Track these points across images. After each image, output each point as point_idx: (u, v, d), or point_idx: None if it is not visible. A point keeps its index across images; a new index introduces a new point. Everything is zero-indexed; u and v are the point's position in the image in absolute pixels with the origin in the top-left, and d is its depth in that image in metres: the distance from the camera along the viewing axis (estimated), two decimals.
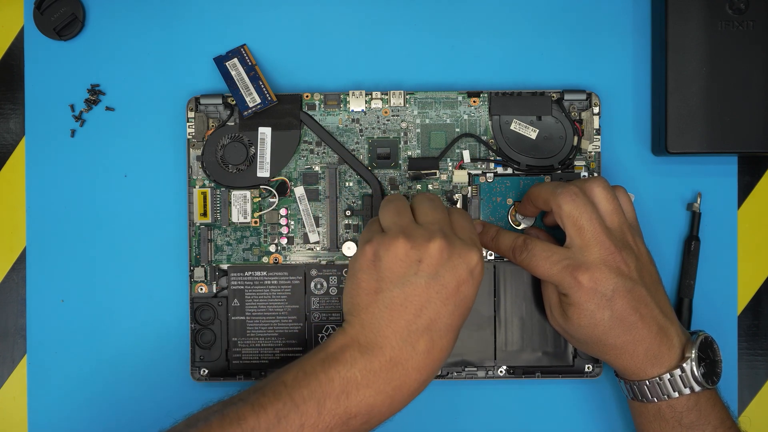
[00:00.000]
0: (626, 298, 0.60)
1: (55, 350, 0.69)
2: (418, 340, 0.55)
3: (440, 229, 0.56)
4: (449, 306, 0.55)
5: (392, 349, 0.54)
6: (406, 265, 0.55)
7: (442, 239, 0.55)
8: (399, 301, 0.55)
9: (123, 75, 0.70)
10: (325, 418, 0.53)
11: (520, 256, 0.62)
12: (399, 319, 0.55)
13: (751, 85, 0.66)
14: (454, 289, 0.55)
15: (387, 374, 0.54)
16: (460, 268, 0.55)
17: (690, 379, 0.60)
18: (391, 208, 0.59)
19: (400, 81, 0.70)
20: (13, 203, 0.70)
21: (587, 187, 0.61)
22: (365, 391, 0.54)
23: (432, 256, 0.55)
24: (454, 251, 0.55)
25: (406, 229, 0.56)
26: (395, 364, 0.54)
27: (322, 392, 0.54)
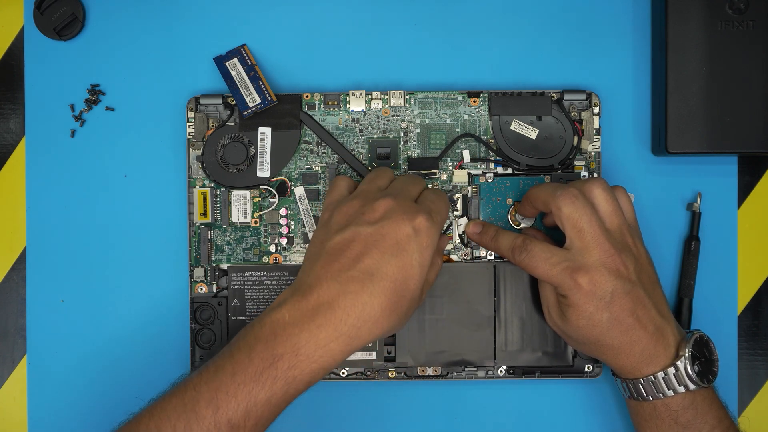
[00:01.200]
0: (624, 300, 0.60)
1: (55, 350, 0.69)
2: (349, 282, 0.56)
3: (396, 192, 0.60)
4: (386, 256, 0.56)
5: (322, 288, 0.56)
6: (351, 216, 0.59)
7: (391, 198, 0.59)
8: (339, 246, 0.57)
9: (123, 75, 0.70)
10: (254, 361, 0.55)
11: (519, 257, 0.62)
12: (335, 263, 0.56)
13: (751, 85, 0.66)
14: (394, 241, 0.57)
15: (314, 312, 0.55)
16: (403, 224, 0.57)
17: (684, 377, 0.60)
18: (369, 176, 0.63)
19: (400, 81, 0.70)
20: (13, 203, 0.70)
21: (587, 189, 0.61)
22: (291, 330, 0.55)
23: (375, 210, 0.58)
24: (399, 209, 0.58)
25: (363, 193, 0.60)
26: (324, 302, 0.55)
27: (254, 337, 0.55)
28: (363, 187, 0.62)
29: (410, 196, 0.61)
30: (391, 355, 0.68)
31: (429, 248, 0.58)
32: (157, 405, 0.56)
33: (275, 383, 0.55)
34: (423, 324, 0.68)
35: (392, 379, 0.68)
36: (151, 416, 0.56)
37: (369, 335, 0.56)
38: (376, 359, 0.67)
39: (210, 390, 0.55)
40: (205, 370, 0.56)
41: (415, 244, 0.57)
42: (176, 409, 0.55)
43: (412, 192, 0.61)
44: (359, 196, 0.60)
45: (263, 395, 0.54)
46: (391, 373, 0.68)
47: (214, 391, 0.55)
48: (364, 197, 0.60)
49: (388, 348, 0.68)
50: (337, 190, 0.63)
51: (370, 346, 0.67)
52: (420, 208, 0.59)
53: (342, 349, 0.56)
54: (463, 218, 0.68)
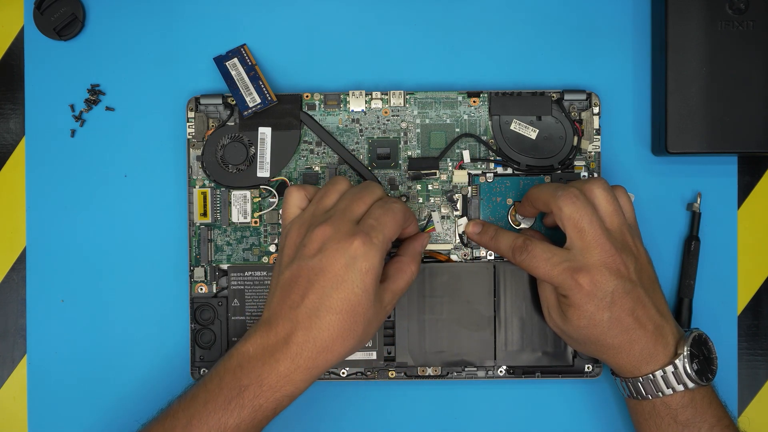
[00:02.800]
0: (625, 299, 0.60)
1: (55, 350, 0.69)
2: (299, 317, 0.58)
3: (338, 215, 0.59)
4: (327, 290, 0.58)
5: (278, 325, 0.58)
6: (297, 247, 0.60)
7: (326, 225, 0.59)
8: (288, 282, 0.59)
9: (123, 75, 0.70)
10: (223, 391, 0.58)
11: (519, 257, 0.62)
12: (287, 299, 0.59)
13: (751, 85, 0.66)
14: (333, 274, 0.58)
15: (273, 348, 0.58)
16: (338, 255, 0.58)
17: (683, 376, 0.60)
18: (320, 193, 0.63)
19: (400, 81, 0.70)
20: (13, 203, 0.70)
21: (587, 189, 0.61)
22: (254, 362, 0.58)
23: (313, 240, 0.59)
24: (335, 238, 0.58)
25: (309, 218, 0.61)
26: (281, 339, 0.58)
27: (224, 368, 0.59)
28: (310, 209, 0.61)
29: (351, 218, 0.59)
30: (391, 355, 0.68)
31: (370, 272, 0.58)
32: (144, 429, 0.60)
33: (242, 411, 0.58)
34: (423, 324, 0.68)
35: (392, 379, 0.68)
36: None
37: (326, 363, 0.58)
38: (376, 359, 0.67)
39: (185, 416, 0.58)
40: (183, 398, 0.60)
41: (353, 273, 0.58)
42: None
43: (355, 211, 0.60)
44: (305, 221, 0.61)
45: (232, 421, 0.58)
46: (391, 373, 0.68)
47: (189, 417, 0.58)
48: (309, 223, 0.60)
49: (388, 348, 0.68)
50: (288, 208, 0.63)
51: (370, 346, 0.67)
52: (356, 232, 0.58)
53: (303, 378, 0.58)
54: (463, 218, 0.68)
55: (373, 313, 0.59)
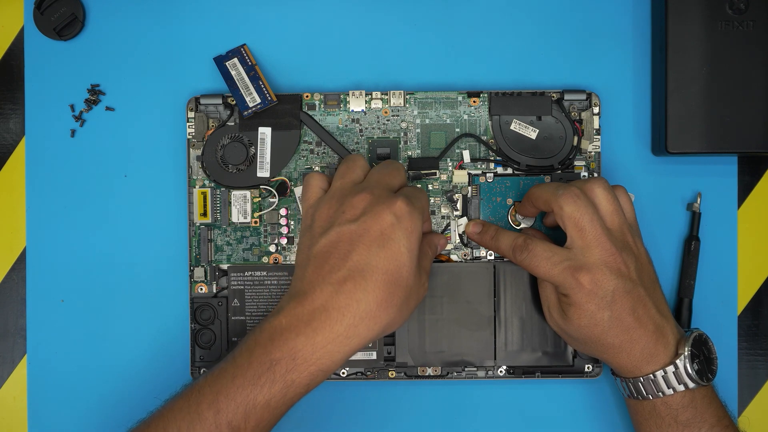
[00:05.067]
0: (625, 299, 0.60)
1: (55, 350, 0.69)
2: (343, 283, 0.56)
3: (373, 185, 0.60)
4: (373, 248, 0.57)
5: (315, 293, 0.57)
6: (332, 217, 0.59)
7: (367, 192, 0.59)
8: (325, 249, 0.58)
9: (123, 75, 0.70)
10: (253, 365, 0.56)
11: (520, 256, 0.62)
12: (324, 265, 0.57)
13: (751, 85, 0.66)
14: (378, 233, 0.57)
15: (310, 317, 0.56)
16: (384, 214, 0.57)
17: (683, 376, 0.60)
18: (342, 168, 0.62)
19: (400, 81, 0.70)
20: (13, 203, 0.70)
21: (588, 188, 0.61)
22: (287, 334, 0.56)
23: (354, 206, 0.58)
24: (378, 201, 0.58)
25: (339, 191, 0.60)
26: (318, 306, 0.56)
27: (254, 342, 0.57)
28: (337, 184, 0.61)
29: (388, 187, 0.61)
30: (391, 355, 0.68)
31: (414, 233, 0.58)
32: (167, 405, 0.58)
33: (273, 386, 0.55)
34: (423, 324, 0.68)
35: (392, 379, 0.68)
36: (161, 416, 0.58)
37: (368, 332, 0.56)
38: (376, 359, 0.67)
39: (212, 392, 0.56)
40: (210, 374, 0.58)
41: (399, 231, 0.57)
42: (182, 410, 0.57)
43: (390, 182, 0.61)
44: (336, 194, 0.60)
45: (262, 398, 0.55)
46: (391, 373, 0.68)
47: (215, 393, 0.56)
48: (341, 195, 0.60)
49: (388, 348, 0.68)
50: (311, 190, 0.63)
51: (371, 346, 0.67)
52: (398, 195, 0.59)
53: (340, 350, 0.56)
54: (463, 218, 0.68)
55: (413, 282, 0.58)
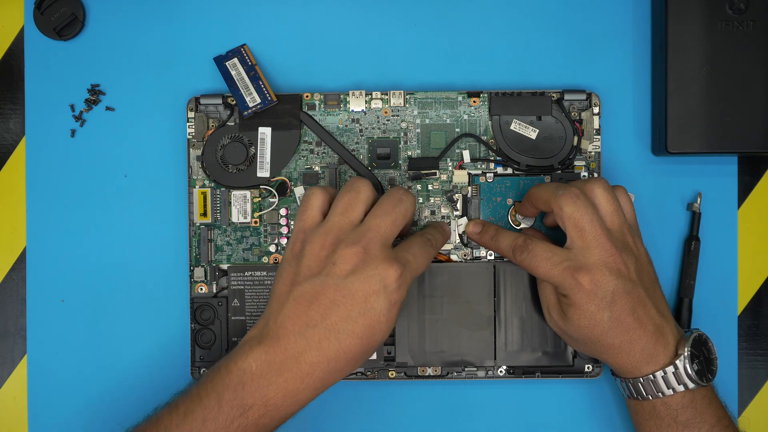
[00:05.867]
0: (625, 299, 0.60)
1: (55, 350, 0.69)
2: (316, 337, 0.56)
3: (371, 236, 0.57)
4: (353, 314, 0.56)
5: (289, 342, 0.56)
6: (322, 263, 0.57)
7: (359, 247, 0.57)
8: (307, 297, 0.56)
9: (123, 75, 0.70)
10: (224, 409, 0.55)
11: (520, 256, 0.62)
12: (302, 314, 0.56)
13: (751, 85, 0.66)
14: (362, 299, 0.56)
15: (281, 366, 0.56)
16: (373, 279, 0.56)
17: (683, 376, 0.60)
18: (344, 200, 0.60)
19: (400, 81, 0.70)
20: (13, 203, 0.70)
21: (588, 189, 0.61)
22: (259, 381, 0.55)
23: (344, 261, 0.56)
24: (370, 261, 0.56)
25: (337, 228, 0.58)
26: (291, 357, 0.56)
27: (222, 384, 0.56)
28: (336, 220, 0.59)
29: (384, 242, 0.58)
30: (391, 355, 0.68)
31: (397, 304, 0.57)
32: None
33: (246, 430, 0.56)
34: (423, 324, 0.68)
35: (392, 379, 0.68)
36: None
37: (334, 381, 0.57)
38: (376, 359, 0.67)
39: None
40: (175, 410, 0.57)
41: (383, 302, 0.56)
42: None
43: (387, 234, 0.58)
44: (331, 234, 0.58)
45: None
46: (391, 373, 0.68)
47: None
48: (335, 238, 0.58)
49: (388, 348, 0.68)
50: (309, 212, 0.60)
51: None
52: (392, 260, 0.57)
53: (310, 396, 0.57)
54: (463, 218, 0.68)
55: (384, 338, 0.58)
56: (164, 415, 0.57)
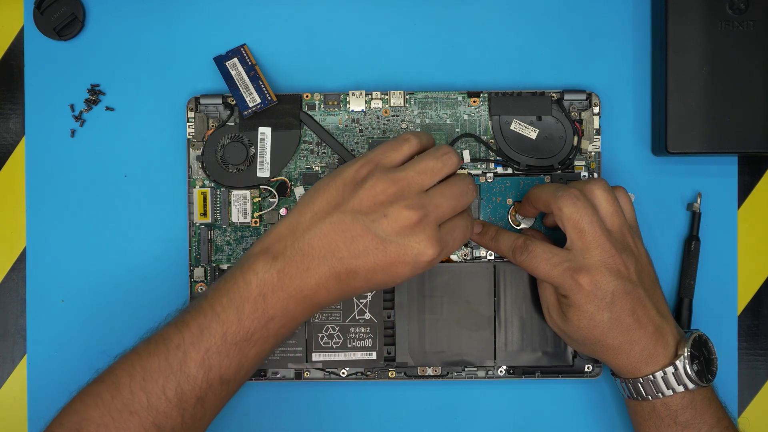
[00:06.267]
0: (625, 300, 0.60)
1: (55, 350, 0.69)
2: (337, 269, 0.56)
3: (430, 210, 0.58)
4: (378, 267, 0.57)
5: (312, 262, 0.56)
6: (373, 209, 0.57)
7: (417, 215, 0.57)
8: (345, 229, 0.56)
9: (123, 75, 0.70)
10: (245, 323, 0.55)
11: (520, 257, 0.62)
12: (333, 242, 0.56)
13: (751, 85, 0.66)
14: (392, 261, 0.57)
15: (301, 283, 0.56)
16: (409, 250, 0.57)
17: (683, 377, 0.60)
18: (430, 164, 0.58)
19: (400, 81, 0.70)
20: (13, 203, 0.70)
21: (587, 189, 0.61)
22: (280, 294, 0.56)
23: (396, 220, 0.56)
24: (416, 234, 0.57)
25: (406, 183, 0.57)
26: (311, 275, 0.56)
27: (240, 297, 0.56)
28: (411, 176, 0.57)
29: (440, 217, 0.58)
30: (391, 355, 0.68)
31: (420, 272, 0.58)
32: (136, 365, 0.56)
33: (266, 341, 0.56)
34: (423, 324, 0.68)
35: (392, 379, 0.68)
36: (132, 377, 0.56)
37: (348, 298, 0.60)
38: (376, 359, 0.67)
39: (199, 351, 0.55)
40: (185, 328, 0.56)
41: (407, 272, 0.58)
42: (163, 371, 0.55)
43: (444, 215, 0.58)
44: (399, 185, 0.57)
45: (254, 351, 0.56)
46: (391, 373, 0.68)
47: (204, 351, 0.55)
48: (400, 192, 0.57)
49: (388, 348, 0.68)
50: (393, 154, 0.58)
51: (370, 346, 0.67)
52: (436, 241, 0.57)
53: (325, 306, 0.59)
54: None
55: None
56: (173, 333, 0.56)
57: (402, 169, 0.58)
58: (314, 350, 0.67)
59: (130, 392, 0.55)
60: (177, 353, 0.55)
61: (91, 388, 0.56)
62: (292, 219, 0.58)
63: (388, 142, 0.60)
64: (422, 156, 0.59)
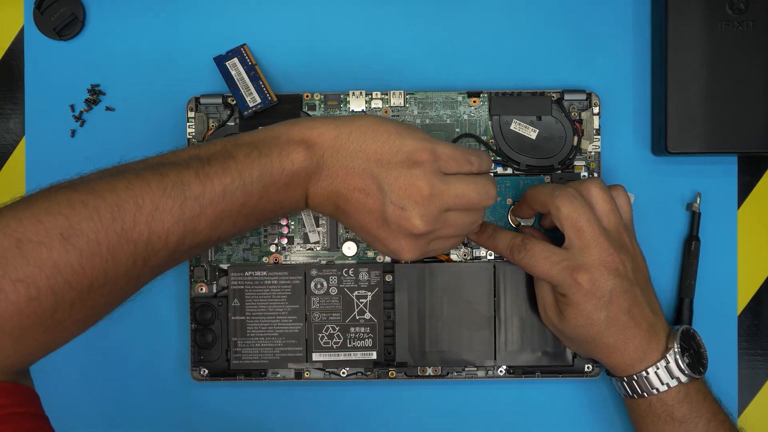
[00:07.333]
0: (622, 298, 0.60)
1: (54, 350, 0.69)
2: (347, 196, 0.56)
3: (437, 229, 0.57)
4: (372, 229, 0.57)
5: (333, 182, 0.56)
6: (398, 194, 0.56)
7: (423, 232, 0.56)
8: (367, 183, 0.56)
9: (123, 75, 0.70)
10: (263, 202, 0.55)
11: (518, 256, 0.62)
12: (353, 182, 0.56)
13: (751, 85, 0.66)
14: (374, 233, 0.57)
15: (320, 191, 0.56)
16: (393, 245, 0.57)
17: (675, 370, 0.61)
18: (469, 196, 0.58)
19: (400, 81, 0.70)
20: None
21: (584, 189, 0.61)
22: (300, 190, 0.56)
23: (403, 219, 0.56)
24: (408, 239, 0.57)
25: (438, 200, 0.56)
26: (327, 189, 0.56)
27: (271, 178, 0.55)
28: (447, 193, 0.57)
29: (438, 237, 0.59)
30: (391, 355, 0.68)
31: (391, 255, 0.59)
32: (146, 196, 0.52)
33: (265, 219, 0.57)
34: (423, 324, 0.68)
35: (392, 379, 0.68)
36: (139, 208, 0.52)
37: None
38: (376, 359, 0.67)
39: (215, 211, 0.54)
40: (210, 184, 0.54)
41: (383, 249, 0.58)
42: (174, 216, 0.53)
43: (446, 234, 0.59)
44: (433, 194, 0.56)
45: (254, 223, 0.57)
46: (391, 373, 0.68)
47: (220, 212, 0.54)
48: (427, 200, 0.56)
49: (388, 348, 0.68)
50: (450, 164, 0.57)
51: (370, 346, 0.67)
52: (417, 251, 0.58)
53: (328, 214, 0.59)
54: None
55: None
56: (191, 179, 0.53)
57: (446, 182, 0.57)
58: (314, 350, 0.67)
59: (133, 222, 0.51)
60: (193, 204, 0.53)
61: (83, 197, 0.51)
62: (339, 129, 0.57)
63: (458, 149, 0.58)
64: (469, 183, 0.58)
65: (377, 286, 0.68)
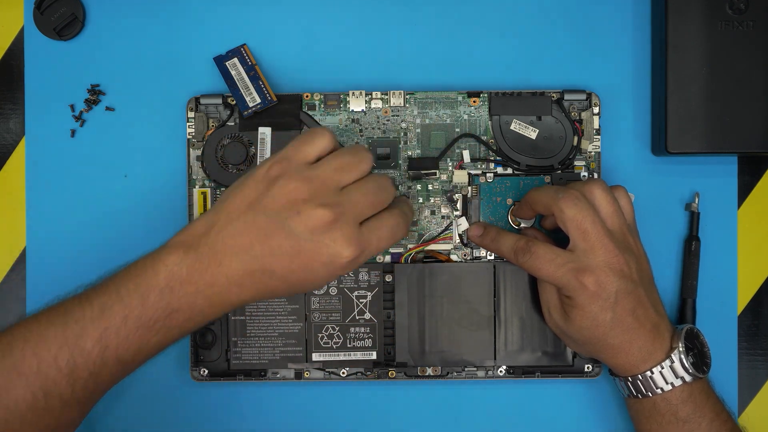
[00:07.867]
0: (627, 299, 0.60)
1: None
2: (251, 266, 0.55)
3: (347, 209, 0.56)
4: (294, 265, 0.55)
5: (224, 259, 0.55)
6: (287, 207, 0.55)
7: (332, 214, 0.55)
8: (258, 227, 0.55)
9: (123, 75, 0.70)
10: (148, 311, 0.55)
11: (522, 258, 0.62)
12: (247, 240, 0.55)
13: (751, 85, 0.66)
14: (307, 259, 0.55)
15: (212, 280, 0.55)
16: (324, 249, 0.55)
17: (680, 369, 0.61)
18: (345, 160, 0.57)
19: (400, 81, 0.70)
20: (13, 203, 0.70)
21: (587, 190, 0.61)
22: (188, 288, 0.55)
23: (310, 218, 0.55)
24: (332, 232, 0.55)
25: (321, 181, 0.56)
26: (223, 274, 0.55)
27: (147, 285, 0.55)
28: (326, 173, 0.56)
29: (357, 219, 0.56)
30: (391, 355, 0.68)
31: (339, 275, 0.58)
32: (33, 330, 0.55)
33: (169, 332, 0.56)
34: (423, 324, 0.68)
35: (392, 379, 0.68)
36: (26, 341, 0.55)
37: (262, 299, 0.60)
38: (376, 359, 0.67)
39: (97, 328, 0.55)
40: (88, 304, 0.55)
41: (324, 272, 0.56)
42: (57, 340, 0.55)
43: (363, 213, 0.57)
44: (313, 183, 0.56)
45: (155, 339, 0.56)
46: (391, 373, 0.68)
47: (103, 330, 0.55)
48: (314, 190, 0.55)
49: (388, 348, 0.68)
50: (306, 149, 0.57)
51: (370, 346, 0.67)
52: (354, 240, 0.56)
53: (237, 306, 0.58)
54: (462, 218, 0.68)
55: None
56: (74, 307, 0.55)
57: (316, 167, 0.57)
58: (314, 350, 0.67)
59: (21, 354, 0.54)
60: (75, 327, 0.55)
61: None
62: (207, 217, 0.57)
63: (301, 136, 0.58)
64: (337, 153, 0.58)
65: (377, 286, 0.68)
